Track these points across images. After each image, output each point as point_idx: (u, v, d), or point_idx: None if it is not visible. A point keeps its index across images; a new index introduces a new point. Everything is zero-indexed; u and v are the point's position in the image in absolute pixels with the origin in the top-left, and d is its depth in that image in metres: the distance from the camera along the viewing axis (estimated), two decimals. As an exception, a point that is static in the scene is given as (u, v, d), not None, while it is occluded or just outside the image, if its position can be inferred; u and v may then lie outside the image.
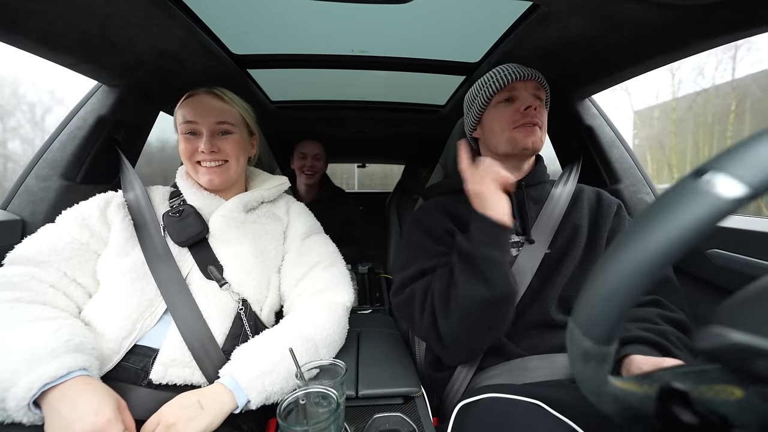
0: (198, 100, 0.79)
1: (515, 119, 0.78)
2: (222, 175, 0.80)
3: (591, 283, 0.30)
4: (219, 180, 0.79)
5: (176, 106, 0.81)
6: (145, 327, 0.67)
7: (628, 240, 0.28)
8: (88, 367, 0.55)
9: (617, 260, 0.28)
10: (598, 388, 0.33)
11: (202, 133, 0.78)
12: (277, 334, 0.68)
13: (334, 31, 0.91)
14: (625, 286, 0.27)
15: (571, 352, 0.33)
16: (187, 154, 0.79)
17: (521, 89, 0.78)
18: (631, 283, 0.27)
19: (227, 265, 0.75)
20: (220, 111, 0.80)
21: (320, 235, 0.92)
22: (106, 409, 0.50)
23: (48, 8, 0.64)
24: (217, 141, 0.78)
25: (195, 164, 0.79)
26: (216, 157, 0.78)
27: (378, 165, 3.34)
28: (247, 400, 0.59)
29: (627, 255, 0.27)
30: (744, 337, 0.27)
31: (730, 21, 0.66)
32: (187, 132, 0.78)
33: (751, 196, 0.23)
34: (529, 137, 0.77)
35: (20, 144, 3.60)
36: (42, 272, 0.63)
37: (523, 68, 0.78)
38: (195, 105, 0.79)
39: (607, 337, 0.30)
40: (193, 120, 0.77)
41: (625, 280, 0.27)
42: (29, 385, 0.48)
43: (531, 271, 0.75)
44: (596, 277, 0.30)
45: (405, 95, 1.42)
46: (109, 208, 0.75)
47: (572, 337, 0.32)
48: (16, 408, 0.49)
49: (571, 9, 0.68)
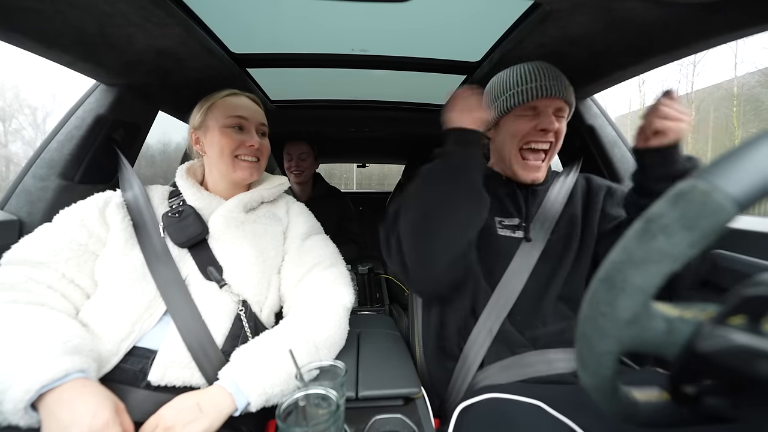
0: (241, 99, 0.84)
1: (529, 135, 0.77)
2: (257, 172, 0.85)
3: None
4: (255, 175, 0.84)
5: (186, 104, 0.83)
6: (143, 328, 0.66)
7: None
8: (86, 369, 0.55)
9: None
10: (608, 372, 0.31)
11: (249, 129, 0.82)
12: (277, 335, 0.67)
13: (334, 30, 0.90)
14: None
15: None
16: (231, 148, 0.80)
17: (544, 107, 0.76)
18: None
19: (227, 266, 0.74)
20: (261, 113, 0.86)
21: (320, 235, 0.91)
22: (103, 412, 0.49)
23: (46, 6, 0.64)
24: (259, 138, 0.84)
25: (234, 158, 0.81)
26: (257, 154, 0.84)
27: (376, 165, 3.34)
28: (246, 403, 0.58)
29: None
30: (746, 339, 0.26)
31: (732, 20, 0.66)
32: (233, 125, 0.81)
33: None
34: (530, 173, 0.79)
35: (22, 146, 3.61)
36: (40, 273, 0.63)
37: (550, 83, 0.75)
38: (243, 103, 0.84)
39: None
40: (243, 116, 0.82)
41: None
42: (26, 387, 0.48)
43: (528, 267, 0.76)
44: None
45: (405, 94, 1.42)
46: (108, 208, 0.75)
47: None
48: (13, 411, 0.48)
49: (572, 7, 0.67)
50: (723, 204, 0.24)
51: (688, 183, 0.26)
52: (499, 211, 0.82)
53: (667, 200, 0.27)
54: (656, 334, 0.29)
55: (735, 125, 5.66)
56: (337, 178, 5.64)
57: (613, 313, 0.28)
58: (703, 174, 0.25)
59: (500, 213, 0.82)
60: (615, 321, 0.28)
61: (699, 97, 6.04)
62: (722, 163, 0.25)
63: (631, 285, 0.27)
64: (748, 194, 0.24)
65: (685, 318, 0.29)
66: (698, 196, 0.25)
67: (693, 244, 0.25)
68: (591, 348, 0.30)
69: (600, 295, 0.29)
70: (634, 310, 0.28)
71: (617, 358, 0.30)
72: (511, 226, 0.81)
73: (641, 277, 0.27)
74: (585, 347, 0.31)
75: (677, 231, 0.26)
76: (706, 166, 0.26)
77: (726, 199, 0.24)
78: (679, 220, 0.26)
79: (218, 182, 0.85)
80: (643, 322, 0.28)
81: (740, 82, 5.90)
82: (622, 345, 0.29)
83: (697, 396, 0.31)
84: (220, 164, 0.81)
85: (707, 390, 0.30)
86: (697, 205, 0.25)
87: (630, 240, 0.28)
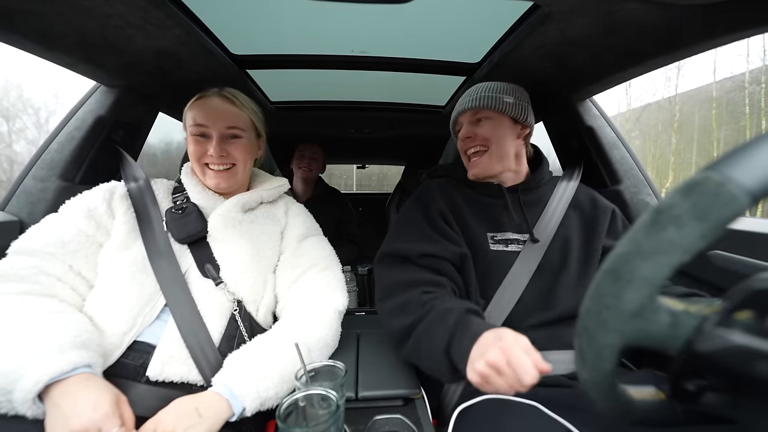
0: (209, 103, 0.79)
1: (462, 146, 0.90)
2: (229, 180, 0.81)
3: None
4: (226, 184, 0.81)
5: (185, 106, 0.81)
6: (144, 322, 0.66)
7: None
8: (93, 364, 0.56)
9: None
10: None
11: (212, 136, 0.78)
12: (269, 338, 0.68)
13: (333, 32, 0.90)
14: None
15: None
16: (195, 156, 0.79)
17: (462, 121, 0.91)
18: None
19: (223, 264, 0.74)
20: (231, 115, 0.80)
21: (317, 237, 0.91)
22: (103, 405, 0.50)
23: (46, 8, 0.64)
24: (226, 145, 0.79)
25: (203, 166, 0.80)
26: (224, 161, 0.79)
27: (375, 166, 3.34)
28: (242, 408, 0.58)
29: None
30: (745, 339, 0.26)
31: (732, 21, 0.66)
32: (196, 134, 0.79)
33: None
34: (472, 169, 0.88)
35: (26, 145, 3.62)
36: (49, 265, 0.63)
37: (465, 100, 0.89)
38: (206, 107, 0.79)
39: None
40: (203, 123, 0.78)
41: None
42: (36, 378, 0.49)
43: (529, 272, 0.76)
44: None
45: (405, 96, 1.42)
46: (114, 199, 0.75)
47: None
48: (22, 401, 0.49)
49: (571, 9, 0.68)
50: (737, 195, 0.24)
51: (701, 175, 0.25)
52: (491, 226, 0.82)
53: (678, 191, 0.26)
54: (661, 327, 0.29)
55: (713, 126, 6.13)
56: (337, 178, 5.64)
57: (618, 306, 0.28)
58: (715, 166, 0.25)
59: (492, 227, 0.82)
60: (620, 313, 0.28)
61: (682, 99, 6.52)
62: (735, 156, 0.25)
63: (638, 277, 0.27)
64: (763, 186, 0.24)
65: (691, 312, 0.29)
66: (711, 187, 0.25)
67: (704, 235, 0.25)
68: (592, 341, 0.30)
69: (605, 287, 0.29)
70: (640, 303, 0.28)
71: (619, 352, 0.30)
72: (503, 240, 0.81)
73: (649, 268, 0.27)
74: (586, 341, 0.31)
75: (688, 222, 0.25)
76: (718, 159, 0.26)
77: (739, 190, 0.24)
78: (690, 211, 0.25)
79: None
80: (648, 315, 0.28)
81: (718, 86, 6.40)
82: (625, 338, 0.29)
83: (697, 393, 0.31)
84: (196, 170, 0.82)
85: (707, 387, 0.30)
86: (709, 196, 0.25)
87: (638, 231, 0.27)
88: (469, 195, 0.87)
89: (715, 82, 6.36)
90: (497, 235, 0.81)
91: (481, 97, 0.86)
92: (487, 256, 0.79)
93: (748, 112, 5.89)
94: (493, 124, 0.86)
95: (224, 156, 0.79)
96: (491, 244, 0.80)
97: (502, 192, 0.85)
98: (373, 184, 5.63)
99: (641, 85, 6.42)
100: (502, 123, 0.86)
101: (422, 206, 0.84)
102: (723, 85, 6.31)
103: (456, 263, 0.77)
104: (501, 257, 0.79)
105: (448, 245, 0.77)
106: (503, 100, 0.85)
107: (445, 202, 0.84)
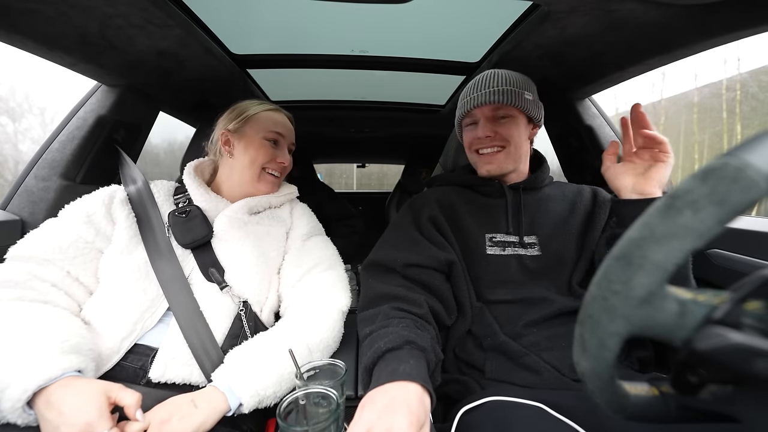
0: (283, 117, 0.89)
1: (474, 145, 0.84)
2: (277, 188, 0.89)
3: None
4: (274, 190, 0.88)
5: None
6: (144, 327, 0.66)
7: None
8: (83, 369, 0.55)
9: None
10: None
11: (283, 146, 0.87)
12: (270, 337, 0.68)
13: (334, 31, 0.91)
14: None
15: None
16: (262, 160, 0.83)
17: (479, 115, 0.82)
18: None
19: (229, 267, 0.74)
20: (293, 134, 0.91)
21: (321, 236, 0.91)
22: (90, 409, 0.49)
23: (47, 8, 0.64)
24: (289, 157, 0.90)
25: (262, 170, 0.84)
26: (282, 171, 0.88)
27: (375, 165, 3.34)
28: (239, 404, 0.58)
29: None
30: (744, 338, 0.26)
31: (730, 21, 0.66)
32: (271, 139, 0.85)
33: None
34: (485, 166, 0.83)
35: (31, 144, 3.61)
36: (45, 271, 0.63)
37: (484, 92, 0.80)
38: (282, 120, 0.88)
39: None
40: (282, 133, 0.86)
41: None
42: (24, 386, 0.48)
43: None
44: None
45: (405, 95, 1.42)
46: (113, 204, 0.75)
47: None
48: (11, 409, 0.48)
49: (571, 8, 0.68)
50: (756, 180, 0.24)
51: (719, 160, 0.25)
52: (490, 226, 0.81)
53: (694, 177, 0.26)
54: (668, 315, 0.29)
55: (695, 130, 6.52)
56: (337, 177, 5.64)
57: (626, 291, 0.28)
58: (733, 152, 0.25)
59: (491, 228, 0.81)
60: (628, 299, 0.28)
61: (666, 105, 6.92)
62: (754, 143, 0.25)
63: (650, 262, 0.27)
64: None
65: (699, 301, 0.29)
66: (730, 172, 0.24)
67: (721, 220, 0.25)
68: (596, 329, 0.30)
69: (614, 273, 0.28)
70: (650, 289, 0.27)
71: (622, 341, 0.29)
72: (501, 242, 0.80)
73: (662, 253, 0.26)
74: (589, 329, 0.30)
75: (706, 206, 0.25)
76: (734, 147, 0.26)
77: (759, 175, 0.24)
78: (708, 196, 0.25)
79: (234, 186, 0.85)
80: (657, 302, 0.28)
81: (699, 92, 6.81)
82: (631, 326, 0.28)
83: (699, 385, 0.30)
84: (246, 173, 0.83)
85: (709, 379, 0.30)
86: (728, 181, 0.25)
87: (652, 216, 0.27)
88: (468, 196, 0.86)
89: (696, 88, 6.75)
90: (496, 236, 0.80)
91: (503, 92, 0.80)
92: (484, 257, 0.78)
93: (725, 117, 6.27)
94: (514, 122, 0.82)
95: (286, 167, 0.89)
96: (489, 245, 0.79)
97: (503, 191, 0.84)
98: (373, 183, 5.63)
99: (629, 92, 6.67)
100: (521, 122, 0.82)
101: (414, 212, 0.84)
102: (702, 92, 6.74)
103: (443, 270, 0.76)
104: (499, 258, 0.78)
105: (436, 251, 0.75)
106: (524, 96, 0.80)
107: (439, 207, 0.82)
